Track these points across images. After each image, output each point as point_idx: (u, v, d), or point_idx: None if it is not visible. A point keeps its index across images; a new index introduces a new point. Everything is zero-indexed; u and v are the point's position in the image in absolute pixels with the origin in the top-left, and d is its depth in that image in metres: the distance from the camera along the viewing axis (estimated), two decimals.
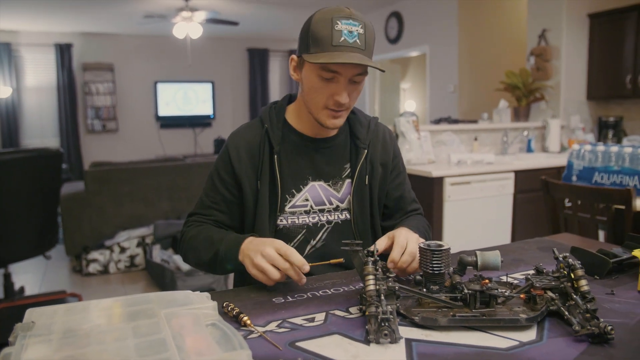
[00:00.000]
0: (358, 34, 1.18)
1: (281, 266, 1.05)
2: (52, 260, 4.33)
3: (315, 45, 1.18)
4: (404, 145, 3.65)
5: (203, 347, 0.67)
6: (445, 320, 0.88)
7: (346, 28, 1.17)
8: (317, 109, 1.26)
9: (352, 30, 1.17)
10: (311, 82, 1.24)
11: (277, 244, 1.08)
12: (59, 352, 0.65)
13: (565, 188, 2.27)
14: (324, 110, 1.26)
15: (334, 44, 1.16)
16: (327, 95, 1.23)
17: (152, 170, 4.57)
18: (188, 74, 8.91)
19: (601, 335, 0.81)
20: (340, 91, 1.22)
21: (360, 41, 1.18)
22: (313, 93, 1.25)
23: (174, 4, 6.25)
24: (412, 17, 6.77)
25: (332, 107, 1.24)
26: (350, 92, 1.24)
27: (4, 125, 7.87)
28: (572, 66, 4.76)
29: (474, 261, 0.99)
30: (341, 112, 1.27)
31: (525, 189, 3.66)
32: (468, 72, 6.10)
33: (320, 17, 1.20)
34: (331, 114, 1.26)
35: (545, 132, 4.56)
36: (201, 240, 1.29)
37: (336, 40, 1.16)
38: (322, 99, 1.24)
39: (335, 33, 1.16)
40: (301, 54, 1.24)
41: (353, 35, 1.17)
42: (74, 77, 8.27)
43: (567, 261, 0.95)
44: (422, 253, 1.01)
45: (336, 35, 1.16)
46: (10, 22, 7.37)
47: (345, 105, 1.25)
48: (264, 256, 1.07)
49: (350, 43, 1.17)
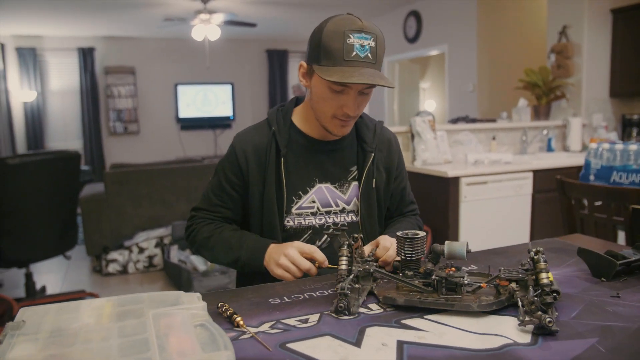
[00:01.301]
0: (369, 47, 1.18)
1: (302, 267, 1.18)
2: (74, 260, 4.42)
3: (326, 58, 1.19)
4: (419, 145, 3.62)
5: (187, 348, 0.67)
6: (403, 300, 0.95)
7: (358, 42, 1.17)
8: (326, 118, 1.28)
9: (364, 45, 1.18)
10: (320, 92, 1.25)
11: (299, 245, 1.21)
12: (44, 351, 0.65)
13: (581, 188, 2.22)
14: (332, 120, 1.28)
15: (345, 59, 1.17)
16: (336, 107, 1.25)
17: (170, 171, 4.62)
18: (208, 75, 8.99)
19: (544, 328, 0.82)
20: (350, 104, 1.23)
21: (372, 55, 1.19)
22: (322, 102, 1.26)
23: (192, 6, 6.32)
24: (430, 16, 6.71)
25: (340, 117, 1.26)
26: (359, 103, 1.26)
27: (29, 128, 8.06)
28: (594, 63, 4.66)
29: (443, 250, 1.03)
30: (349, 121, 1.29)
31: (544, 189, 3.59)
32: (487, 70, 6.02)
33: (332, 29, 1.19)
34: (340, 123, 1.28)
35: (566, 131, 4.47)
36: (217, 242, 1.34)
37: (348, 55, 1.17)
38: (331, 110, 1.26)
39: (347, 47, 1.17)
40: (311, 63, 1.25)
41: (365, 49, 1.18)
42: (97, 80, 8.43)
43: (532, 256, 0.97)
44: (398, 241, 1.06)
45: (348, 50, 1.17)
46: (35, 27, 7.55)
47: (354, 116, 1.27)
48: (286, 256, 1.19)
49: (362, 58, 1.17)
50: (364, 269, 1.04)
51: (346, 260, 1.02)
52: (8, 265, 3.39)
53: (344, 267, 1.00)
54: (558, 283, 1.00)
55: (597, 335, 0.84)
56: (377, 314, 0.94)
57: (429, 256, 1.05)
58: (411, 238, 1.04)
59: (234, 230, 1.37)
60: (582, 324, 0.88)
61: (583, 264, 1.20)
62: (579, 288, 1.07)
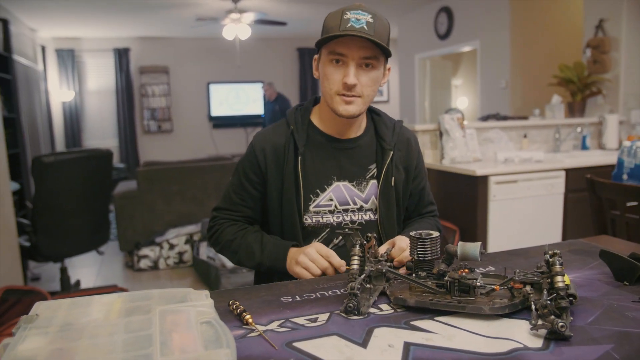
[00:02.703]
0: (366, 21, 1.21)
1: (321, 265, 1.20)
2: (107, 255, 4.54)
3: (325, 34, 1.24)
4: (447, 143, 3.57)
5: (188, 345, 0.68)
6: (414, 301, 0.94)
7: (354, 16, 1.21)
8: (331, 97, 1.29)
9: (360, 18, 1.21)
10: (324, 71, 1.28)
11: (318, 247, 1.23)
12: (51, 344, 0.67)
13: (612, 187, 2.15)
14: (336, 96, 1.28)
15: (340, 29, 1.21)
16: (338, 81, 1.26)
17: (200, 169, 4.69)
18: (239, 74, 9.08)
19: (556, 332, 0.80)
20: (349, 73, 1.24)
21: (368, 28, 1.20)
22: (326, 81, 1.28)
23: (223, 6, 6.39)
24: (462, 11, 6.60)
25: (342, 91, 1.26)
26: (359, 76, 1.25)
27: (67, 127, 8.31)
28: (633, 57, 4.49)
29: (456, 251, 1.02)
30: (352, 97, 1.27)
31: (577, 188, 3.48)
32: (520, 66, 5.89)
33: (333, 11, 1.26)
34: (343, 99, 1.27)
35: (602, 128, 4.33)
36: (239, 246, 1.37)
37: (343, 26, 1.21)
38: (334, 85, 1.27)
39: (343, 21, 1.21)
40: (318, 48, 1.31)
41: (360, 22, 1.21)
42: (132, 80, 8.63)
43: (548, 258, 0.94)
44: (411, 241, 1.05)
45: (344, 23, 1.21)
46: (74, 29, 7.79)
47: (356, 90, 1.26)
48: (306, 255, 1.22)
49: (357, 28, 1.20)
50: (377, 269, 1.04)
51: (358, 260, 1.02)
52: (44, 260, 3.51)
53: (356, 267, 1.00)
54: (576, 287, 0.97)
55: (613, 341, 0.81)
56: (387, 314, 0.94)
57: (442, 257, 1.04)
58: (424, 238, 1.03)
59: (256, 232, 1.39)
60: (598, 330, 0.85)
61: (605, 266, 1.16)
62: (599, 292, 1.03)
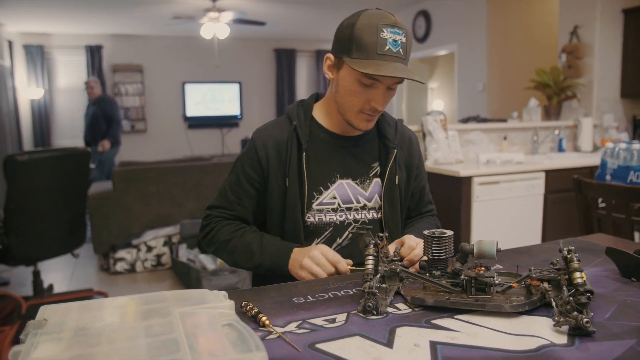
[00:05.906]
0: (401, 43, 1.18)
1: (327, 271, 1.18)
2: (81, 258, 4.41)
3: (359, 51, 1.18)
4: (431, 144, 3.59)
5: (217, 348, 0.65)
6: (432, 301, 0.92)
7: (391, 37, 1.17)
8: (352, 112, 1.27)
9: (397, 40, 1.17)
10: (349, 86, 1.24)
11: (324, 249, 1.19)
12: (69, 350, 0.63)
13: (598, 187, 2.19)
14: (359, 114, 1.26)
15: (379, 52, 1.16)
16: (364, 101, 1.24)
17: (178, 170, 4.60)
18: (216, 74, 8.98)
19: (580, 328, 0.80)
20: (379, 98, 1.23)
21: (403, 50, 1.19)
22: (349, 96, 1.25)
23: (201, 4, 6.30)
24: (440, 15, 6.68)
25: (367, 112, 1.25)
26: (386, 99, 1.25)
27: (36, 126, 8.07)
28: (605, 63, 4.61)
29: (472, 249, 1.00)
30: (375, 116, 1.28)
31: (556, 189, 3.56)
32: (497, 70, 5.98)
33: (366, 22, 1.18)
34: (366, 117, 1.27)
35: (577, 131, 4.43)
36: (237, 246, 1.33)
37: (381, 48, 1.16)
38: (359, 104, 1.25)
39: (380, 41, 1.16)
40: (340, 56, 1.23)
41: (397, 44, 1.17)
42: (104, 78, 8.42)
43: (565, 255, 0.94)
44: (425, 240, 1.04)
45: (381, 44, 1.16)
46: (43, 25, 7.56)
47: (380, 111, 1.27)
48: (311, 258, 1.18)
49: (394, 52, 1.17)
50: (390, 268, 1.02)
51: (373, 260, 1.00)
52: (16, 263, 3.37)
53: (371, 267, 0.98)
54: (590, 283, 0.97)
55: (635, 336, 0.81)
56: (406, 313, 0.92)
57: (457, 255, 1.03)
58: (439, 237, 1.02)
59: (255, 232, 1.35)
60: (618, 325, 0.85)
61: (610, 263, 1.17)
62: (610, 288, 1.04)
